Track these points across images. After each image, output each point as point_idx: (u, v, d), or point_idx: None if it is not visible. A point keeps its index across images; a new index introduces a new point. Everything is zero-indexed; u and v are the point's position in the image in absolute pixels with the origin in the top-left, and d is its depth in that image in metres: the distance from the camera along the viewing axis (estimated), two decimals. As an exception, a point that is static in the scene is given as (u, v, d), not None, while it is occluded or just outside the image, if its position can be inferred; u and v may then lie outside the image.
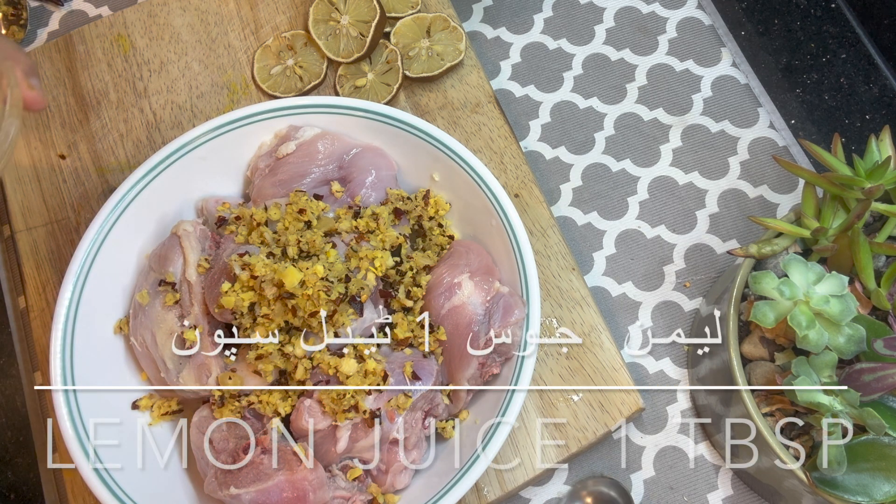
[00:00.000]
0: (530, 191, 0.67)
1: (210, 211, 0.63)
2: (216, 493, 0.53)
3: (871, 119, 0.73)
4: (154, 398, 0.59)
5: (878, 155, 0.54)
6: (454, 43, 0.72)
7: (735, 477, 0.61)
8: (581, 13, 0.78)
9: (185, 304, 0.58)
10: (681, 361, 0.65)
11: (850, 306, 0.49)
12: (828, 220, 0.54)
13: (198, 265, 0.59)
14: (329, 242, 0.58)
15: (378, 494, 0.54)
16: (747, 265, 0.55)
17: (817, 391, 0.49)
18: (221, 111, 0.72)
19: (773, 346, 0.54)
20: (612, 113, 0.74)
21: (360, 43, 0.72)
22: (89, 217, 0.68)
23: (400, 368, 0.55)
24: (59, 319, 0.56)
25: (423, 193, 0.63)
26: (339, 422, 0.53)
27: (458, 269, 0.58)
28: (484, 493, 0.58)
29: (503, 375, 0.57)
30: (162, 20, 0.76)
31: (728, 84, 0.74)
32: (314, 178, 0.63)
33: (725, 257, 0.68)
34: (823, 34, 0.76)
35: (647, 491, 0.61)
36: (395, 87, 0.71)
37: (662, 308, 0.67)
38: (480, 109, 0.71)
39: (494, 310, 0.56)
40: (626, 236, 0.69)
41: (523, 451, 0.59)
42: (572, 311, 0.63)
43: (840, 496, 0.49)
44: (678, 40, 0.76)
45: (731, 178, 0.71)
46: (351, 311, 0.55)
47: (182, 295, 0.58)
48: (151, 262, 0.60)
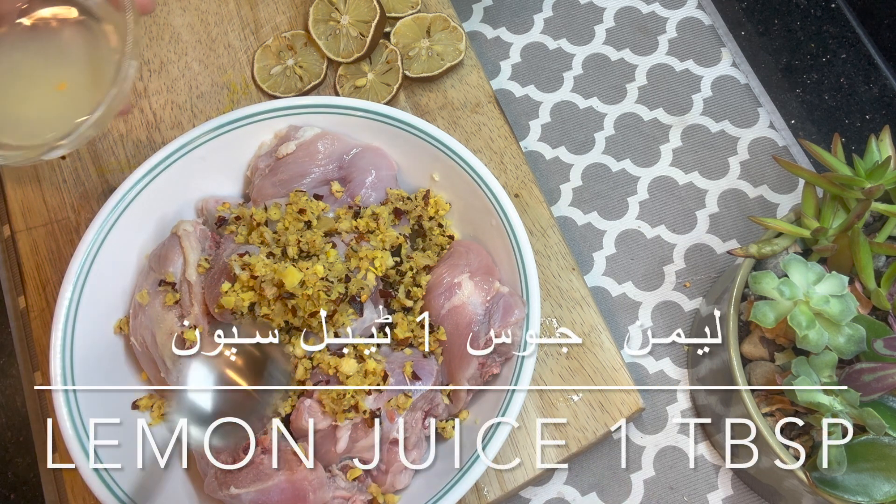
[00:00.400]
0: (530, 191, 0.67)
1: (210, 211, 0.63)
2: (216, 493, 0.53)
3: (871, 119, 0.73)
4: (154, 398, 0.59)
5: (878, 155, 0.54)
6: (454, 43, 0.72)
7: (735, 477, 0.61)
8: (581, 13, 0.78)
9: (185, 304, 0.58)
10: (681, 361, 0.65)
11: (850, 306, 0.49)
12: (828, 220, 0.54)
13: (198, 265, 0.59)
14: (329, 242, 0.58)
15: (378, 494, 0.54)
16: (747, 265, 0.55)
17: (817, 391, 0.49)
18: (221, 111, 0.72)
19: (773, 346, 0.54)
20: (612, 113, 0.74)
21: (360, 43, 0.72)
22: (89, 217, 0.68)
23: (400, 368, 0.55)
24: (59, 319, 0.56)
25: (423, 193, 0.63)
26: (339, 422, 0.53)
27: (458, 269, 0.58)
28: (484, 493, 0.58)
29: (503, 375, 0.57)
30: (162, 20, 0.76)
31: (728, 84, 0.74)
32: (314, 178, 0.63)
33: (725, 257, 0.68)
34: (823, 34, 0.76)
35: (647, 491, 0.61)
36: (395, 87, 0.71)
37: (662, 308, 0.67)
38: (480, 109, 0.71)
39: (494, 310, 0.56)
40: (626, 236, 0.69)
41: (523, 451, 0.59)
42: (572, 311, 0.63)
43: (840, 496, 0.49)
44: (678, 40, 0.76)
45: (731, 178, 0.71)
46: (351, 311, 0.55)
47: (182, 295, 0.58)
48: (151, 262, 0.60)
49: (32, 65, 0.52)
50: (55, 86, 0.51)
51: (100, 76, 0.52)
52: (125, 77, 0.50)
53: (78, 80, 0.52)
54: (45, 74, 0.52)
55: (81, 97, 0.51)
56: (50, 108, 0.51)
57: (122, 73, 0.50)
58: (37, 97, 0.52)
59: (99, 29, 0.52)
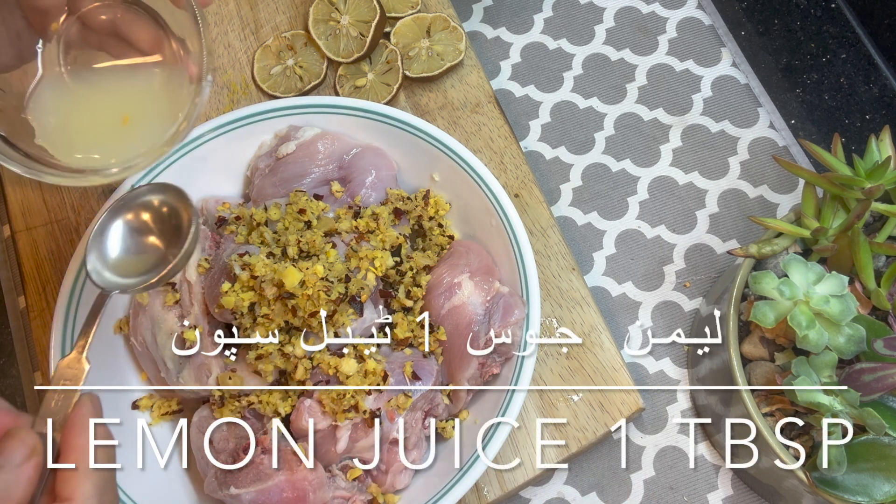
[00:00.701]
0: (530, 191, 0.67)
1: (210, 211, 0.63)
2: (216, 493, 0.53)
3: (871, 119, 0.72)
4: (154, 398, 0.59)
5: (878, 155, 0.54)
6: (454, 43, 0.72)
7: (735, 477, 0.61)
8: (581, 13, 0.78)
9: (185, 304, 0.58)
10: (681, 361, 0.65)
11: (850, 306, 0.49)
12: (828, 220, 0.54)
13: (198, 265, 0.59)
14: (329, 242, 0.58)
15: (378, 494, 0.54)
16: (747, 265, 0.55)
17: (817, 391, 0.49)
18: (221, 111, 0.72)
19: (773, 346, 0.54)
20: (612, 113, 0.74)
21: (360, 43, 0.72)
22: (89, 217, 0.68)
23: (400, 368, 0.55)
24: (59, 319, 0.56)
25: (423, 193, 0.63)
26: (339, 422, 0.53)
27: (458, 269, 0.58)
28: (484, 493, 0.58)
29: (503, 375, 0.57)
30: (162, 20, 0.76)
31: (728, 84, 0.74)
32: (314, 178, 0.63)
33: (725, 257, 0.68)
34: (823, 34, 0.76)
35: (647, 491, 0.61)
36: (395, 87, 0.71)
37: (662, 308, 0.67)
38: (480, 109, 0.71)
39: (494, 310, 0.56)
40: (626, 236, 0.69)
41: (523, 451, 0.59)
42: (572, 311, 0.63)
43: (840, 496, 0.49)
44: (678, 40, 0.76)
45: (731, 178, 0.71)
46: (351, 311, 0.55)
47: (182, 295, 0.58)
48: (151, 262, 0.60)
49: (99, 91, 0.49)
50: (119, 119, 0.48)
51: (168, 102, 0.48)
52: (196, 105, 0.46)
53: (143, 111, 0.48)
54: (109, 104, 0.49)
55: (146, 130, 0.47)
56: (111, 140, 0.48)
57: (192, 101, 0.46)
58: (99, 130, 0.48)
59: (165, 37, 0.48)
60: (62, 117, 0.48)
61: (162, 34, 0.47)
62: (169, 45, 0.47)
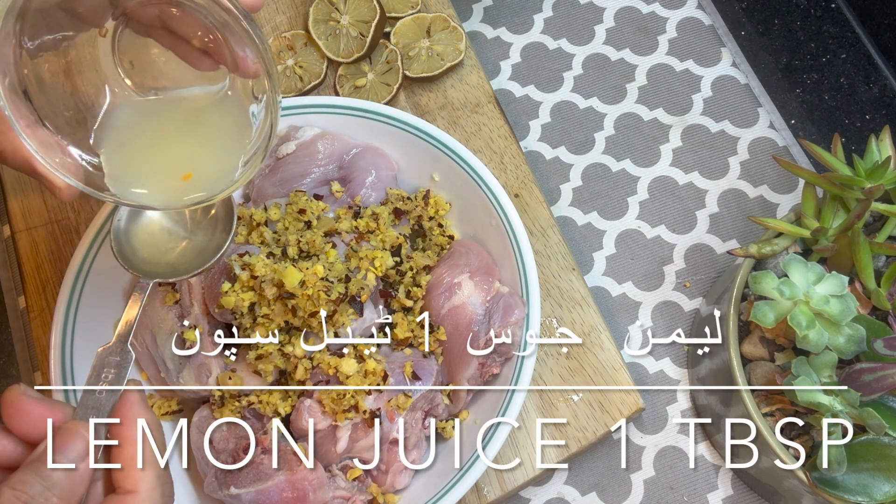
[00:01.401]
0: (530, 191, 0.67)
1: (210, 211, 0.63)
2: (216, 493, 0.53)
3: (871, 119, 0.73)
4: (154, 398, 0.59)
5: (878, 155, 0.54)
6: (454, 43, 0.72)
7: (735, 477, 0.61)
8: (581, 13, 0.78)
9: (185, 304, 0.58)
10: (681, 361, 0.65)
11: (850, 306, 0.49)
12: (828, 220, 0.54)
13: (198, 265, 0.59)
14: (329, 242, 0.58)
15: (378, 494, 0.54)
16: (747, 265, 0.55)
17: (817, 391, 0.49)
18: (221, 111, 0.72)
19: (773, 346, 0.54)
20: (612, 113, 0.74)
21: (360, 43, 0.72)
22: (89, 217, 0.68)
23: (400, 368, 0.55)
24: (59, 319, 0.56)
25: (423, 193, 0.63)
26: (339, 422, 0.53)
27: (458, 269, 0.58)
28: (484, 493, 0.58)
29: (503, 375, 0.57)
30: (162, 20, 0.76)
31: (728, 84, 0.74)
32: (314, 178, 0.63)
33: (725, 257, 0.68)
34: (823, 34, 0.76)
35: (647, 491, 0.61)
36: (395, 87, 0.71)
37: (662, 308, 0.67)
38: (480, 109, 0.71)
39: (494, 310, 0.56)
40: (626, 236, 0.69)
41: (523, 451, 0.59)
42: (572, 311, 0.63)
43: (840, 496, 0.49)
44: (678, 40, 0.76)
45: (731, 178, 0.71)
46: (351, 311, 0.55)
47: (182, 295, 0.58)
48: (151, 262, 0.60)
49: (163, 137, 0.47)
50: (180, 175, 0.46)
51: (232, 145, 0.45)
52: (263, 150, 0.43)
53: (204, 169, 0.46)
54: (172, 157, 0.47)
55: (204, 185, 0.45)
56: (169, 193, 0.46)
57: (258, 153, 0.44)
58: (158, 181, 0.46)
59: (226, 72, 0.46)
60: (125, 159, 0.46)
61: (219, 36, 0.44)
62: (228, 51, 0.44)
